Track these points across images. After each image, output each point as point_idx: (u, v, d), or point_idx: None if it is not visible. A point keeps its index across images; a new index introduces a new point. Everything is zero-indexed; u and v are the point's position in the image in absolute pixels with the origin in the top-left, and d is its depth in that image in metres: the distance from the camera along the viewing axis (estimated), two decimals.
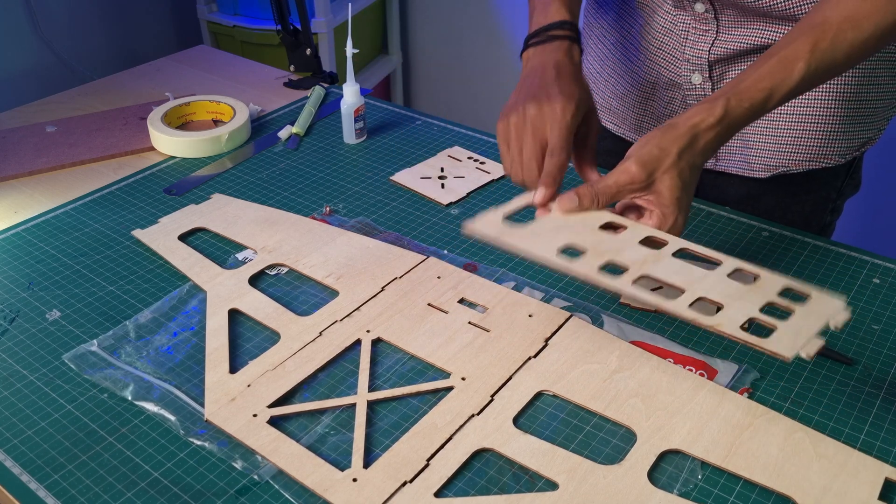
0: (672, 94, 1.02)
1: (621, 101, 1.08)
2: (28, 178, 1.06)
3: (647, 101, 1.05)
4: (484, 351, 0.75)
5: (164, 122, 1.12)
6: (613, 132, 1.11)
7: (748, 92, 0.74)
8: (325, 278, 0.84)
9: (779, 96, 0.75)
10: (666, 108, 1.03)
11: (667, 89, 1.02)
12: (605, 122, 1.12)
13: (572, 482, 0.63)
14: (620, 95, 1.08)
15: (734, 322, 0.63)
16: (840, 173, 1.01)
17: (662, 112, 1.04)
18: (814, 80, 0.76)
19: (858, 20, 0.74)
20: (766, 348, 0.61)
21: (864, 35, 0.75)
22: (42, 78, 2.06)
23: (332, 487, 0.62)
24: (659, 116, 1.04)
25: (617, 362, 0.73)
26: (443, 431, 0.67)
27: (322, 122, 1.19)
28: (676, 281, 0.68)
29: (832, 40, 0.74)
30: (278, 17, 1.28)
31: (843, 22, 0.74)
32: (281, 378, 0.72)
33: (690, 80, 0.98)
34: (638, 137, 1.08)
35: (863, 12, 0.74)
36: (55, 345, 0.77)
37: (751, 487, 0.63)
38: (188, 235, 0.92)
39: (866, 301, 0.82)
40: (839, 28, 0.74)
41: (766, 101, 0.74)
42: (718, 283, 0.67)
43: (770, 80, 0.74)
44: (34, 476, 0.64)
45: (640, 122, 1.08)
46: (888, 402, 0.70)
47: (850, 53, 0.75)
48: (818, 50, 0.74)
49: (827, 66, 0.75)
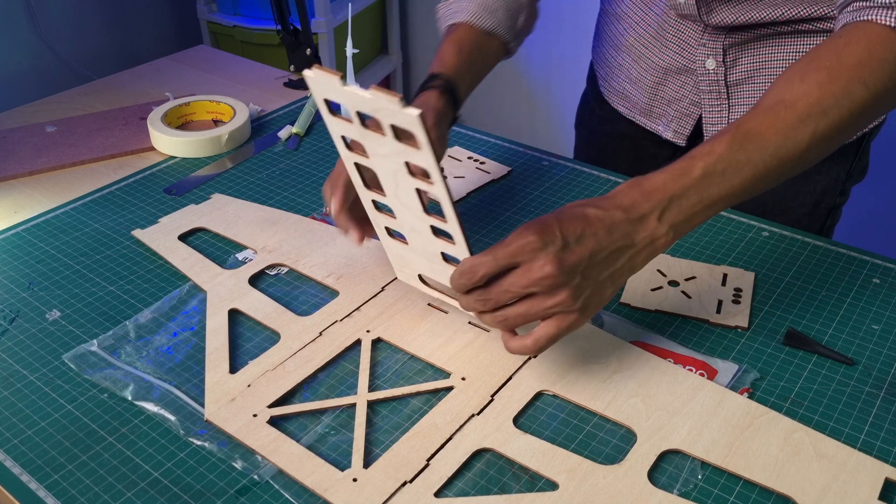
0: (684, 79, 1.03)
1: (634, 85, 1.09)
2: (28, 178, 1.06)
3: (659, 87, 1.06)
4: (484, 351, 0.75)
5: (164, 122, 1.12)
6: (625, 115, 1.13)
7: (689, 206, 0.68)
8: (326, 278, 0.84)
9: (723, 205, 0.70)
10: (677, 93, 1.05)
11: (679, 74, 1.03)
12: (617, 106, 1.14)
13: (572, 482, 0.63)
14: (634, 80, 1.09)
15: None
16: (849, 154, 1.02)
17: (673, 97, 1.05)
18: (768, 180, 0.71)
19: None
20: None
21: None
22: (42, 78, 2.06)
23: (332, 487, 0.62)
24: (669, 101, 1.06)
25: (617, 362, 0.73)
26: (443, 431, 0.67)
27: (322, 122, 1.19)
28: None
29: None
30: (278, 17, 1.28)
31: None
32: (281, 378, 0.72)
33: (705, 66, 0.99)
34: (648, 122, 1.11)
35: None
36: (55, 345, 0.77)
37: (751, 487, 0.63)
38: (188, 235, 0.92)
39: (866, 301, 0.82)
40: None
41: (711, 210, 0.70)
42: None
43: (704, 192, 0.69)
44: (34, 476, 0.64)
45: (650, 107, 1.09)
46: (888, 402, 0.70)
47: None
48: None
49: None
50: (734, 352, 0.76)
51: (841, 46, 0.73)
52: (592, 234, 0.64)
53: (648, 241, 0.67)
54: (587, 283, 0.65)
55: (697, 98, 1.03)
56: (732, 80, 1.00)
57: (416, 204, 0.66)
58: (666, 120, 1.08)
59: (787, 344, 0.76)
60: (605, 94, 1.17)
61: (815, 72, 0.72)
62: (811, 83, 0.71)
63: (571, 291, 0.64)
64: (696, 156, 0.69)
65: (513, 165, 1.06)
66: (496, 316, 0.66)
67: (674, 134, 1.07)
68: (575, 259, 0.63)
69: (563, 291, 0.64)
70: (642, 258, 0.67)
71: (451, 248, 0.68)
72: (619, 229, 0.65)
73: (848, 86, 0.70)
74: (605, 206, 0.66)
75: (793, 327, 0.78)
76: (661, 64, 1.04)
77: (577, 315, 0.65)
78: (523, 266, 0.63)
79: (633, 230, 0.66)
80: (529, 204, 0.98)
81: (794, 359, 0.75)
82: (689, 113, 1.05)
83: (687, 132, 1.06)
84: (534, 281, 0.63)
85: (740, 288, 0.82)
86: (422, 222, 0.68)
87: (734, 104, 1.01)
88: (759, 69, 0.98)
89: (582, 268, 0.64)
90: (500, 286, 0.65)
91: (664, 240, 0.67)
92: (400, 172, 0.64)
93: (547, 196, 0.99)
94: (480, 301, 0.66)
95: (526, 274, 0.63)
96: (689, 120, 1.05)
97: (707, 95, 1.02)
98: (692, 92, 1.03)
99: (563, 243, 0.63)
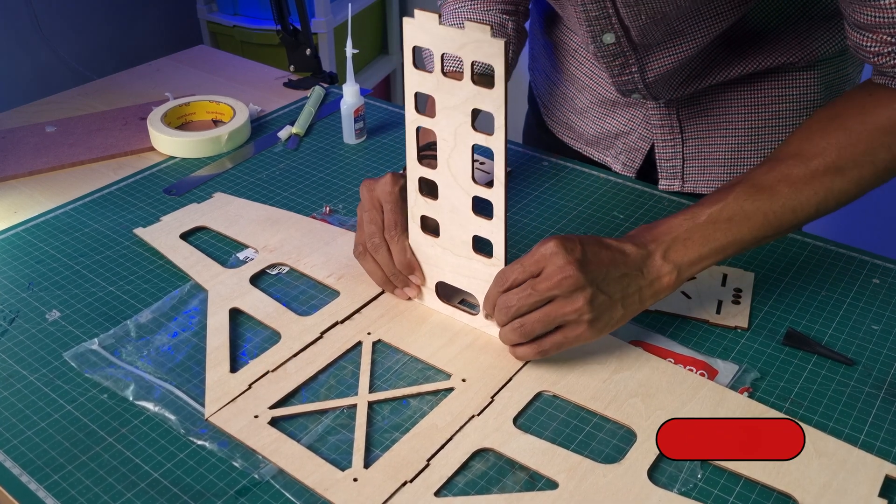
0: (634, 111, 1.00)
1: (580, 116, 1.06)
2: (28, 178, 1.06)
3: (606, 119, 1.03)
4: (484, 353, 0.75)
5: (163, 122, 1.12)
6: (571, 146, 1.11)
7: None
8: (326, 278, 0.84)
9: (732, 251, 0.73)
10: (626, 126, 1.01)
11: (628, 107, 1.00)
12: (562, 136, 1.11)
13: (572, 481, 0.63)
14: (579, 111, 1.06)
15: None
16: None
17: (621, 130, 1.02)
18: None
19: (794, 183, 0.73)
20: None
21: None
22: (42, 78, 2.06)
23: (332, 487, 0.62)
24: (617, 134, 1.03)
25: (617, 362, 0.73)
26: (443, 432, 0.67)
27: (322, 122, 1.19)
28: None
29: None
30: (278, 17, 1.28)
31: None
32: (282, 379, 0.72)
33: (644, 102, 0.97)
34: (596, 153, 1.07)
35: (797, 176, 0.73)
36: (55, 345, 0.77)
37: (751, 486, 0.63)
38: (189, 234, 0.92)
39: (866, 301, 0.82)
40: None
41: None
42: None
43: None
44: (34, 476, 0.64)
45: (597, 140, 1.06)
46: (888, 402, 0.70)
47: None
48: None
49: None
50: (734, 352, 0.76)
51: (869, 107, 0.74)
52: (609, 255, 0.69)
53: (654, 276, 0.71)
54: (602, 295, 0.68)
55: (648, 132, 1.00)
56: (685, 114, 0.98)
57: (467, 167, 0.71)
58: (614, 152, 1.05)
59: (786, 344, 0.76)
60: (549, 124, 1.13)
61: (837, 131, 0.73)
62: (831, 142, 0.73)
63: (588, 297, 0.67)
64: (705, 203, 0.73)
65: (513, 165, 1.06)
66: (514, 325, 0.69)
67: (623, 167, 1.04)
68: (593, 268, 0.67)
69: (580, 296, 0.67)
70: (649, 293, 0.71)
71: (486, 226, 0.72)
72: (631, 258, 0.70)
73: (870, 148, 0.72)
74: (619, 239, 0.71)
75: (793, 327, 0.78)
76: (608, 97, 1.01)
77: (587, 327, 0.68)
78: (545, 270, 0.67)
79: (643, 263, 0.70)
80: (529, 204, 0.98)
81: (794, 359, 0.75)
82: (638, 147, 1.02)
83: (637, 165, 1.03)
84: (555, 283, 0.67)
85: (740, 288, 0.82)
86: (465, 194, 0.72)
87: (688, 138, 0.98)
88: (713, 102, 0.96)
89: (599, 279, 0.68)
90: (522, 288, 0.69)
91: (668, 278, 0.71)
92: (462, 127, 0.70)
93: (547, 196, 0.99)
94: (502, 309, 0.70)
95: (548, 277, 0.67)
96: (639, 154, 1.02)
97: (659, 130, 0.99)
98: (641, 126, 1.00)
99: (583, 254, 0.68)
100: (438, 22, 0.66)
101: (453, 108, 0.69)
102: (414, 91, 0.72)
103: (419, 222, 0.77)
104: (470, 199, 0.72)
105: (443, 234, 0.76)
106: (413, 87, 0.71)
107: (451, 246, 0.75)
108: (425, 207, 0.76)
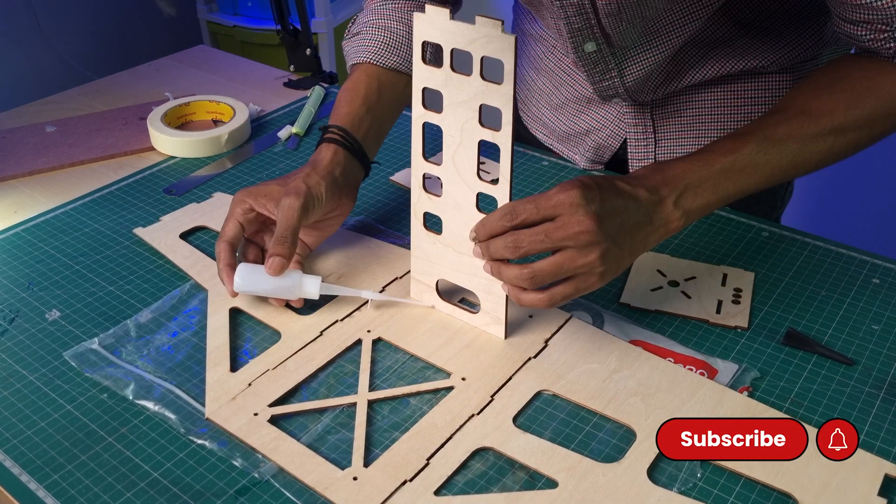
0: (608, 109, 1.00)
1: (555, 111, 1.06)
2: (28, 178, 1.06)
3: (580, 115, 1.03)
4: (484, 351, 0.75)
5: (163, 122, 1.12)
6: (544, 143, 1.10)
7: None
8: (327, 278, 0.84)
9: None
10: (598, 123, 1.01)
11: (603, 105, 1.00)
12: (535, 132, 1.11)
13: (572, 480, 0.63)
14: (554, 106, 1.06)
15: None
16: None
17: (592, 127, 1.02)
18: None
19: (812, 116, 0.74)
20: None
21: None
22: (42, 78, 2.06)
23: (332, 486, 0.62)
24: (588, 131, 1.03)
25: (617, 362, 0.73)
26: (443, 431, 0.67)
27: (322, 122, 1.18)
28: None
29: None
30: (278, 17, 1.28)
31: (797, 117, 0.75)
32: (282, 377, 0.72)
33: (621, 104, 0.98)
34: (565, 150, 1.07)
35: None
36: (55, 345, 0.77)
37: (751, 486, 0.63)
38: (189, 234, 0.92)
39: (866, 301, 0.82)
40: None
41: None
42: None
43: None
44: (34, 476, 0.64)
45: (568, 135, 1.06)
46: (888, 402, 0.70)
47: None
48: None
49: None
50: (734, 352, 0.76)
51: (874, 72, 0.76)
52: (623, 204, 0.68)
53: (663, 222, 0.70)
54: (614, 249, 0.67)
55: (620, 130, 1.00)
56: (659, 114, 0.98)
57: (473, 164, 0.71)
58: (582, 149, 1.05)
59: (786, 344, 0.76)
60: (524, 119, 1.13)
61: (844, 92, 0.75)
62: (839, 103, 0.74)
63: (601, 253, 0.66)
64: (718, 150, 0.73)
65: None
66: (523, 271, 0.67)
67: (589, 164, 1.04)
68: (609, 221, 0.66)
69: (594, 251, 0.66)
70: (655, 238, 0.71)
71: None
72: (642, 205, 0.69)
73: (873, 114, 0.74)
74: (632, 182, 0.70)
75: (792, 327, 0.78)
76: (584, 94, 1.01)
77: (598, 279, 0.68)
78: (562, 218, 0.65)
79: (653, 209, 0.70)
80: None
81: (794, 359, 0.75)
82: (608, 145, 1.02)
83: (605, 160, 1.03)
84: (572, 234, 0.65)
85: (740, 288, 0.82)
86: (470, 190, 0.72)
87: (661, 138, 0.99)
88: (687, 103, 0.96)
89: (613, 233, 0.67)
90: (535, 232, 0.66)
91: (676, 224, 0.71)
92: (469, 123, 0.69)
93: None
94: (510, 247, 0.67)
95: (565, 226, 0.65)
96: (608, 151, 1.02)
97: (633, 129, 0.99)
98: (614, 123, 1.00)
99: (601, 205, 0.66)
100: (449, 17, 0.66)
101: (460, 103, 0.69)
102: (422, 86, 0.72)
103: (422, 219, 0.77)
104: (474, 196, 0.72)
105: (445, 230, 0.76)
106: (421, 82, 0.71)
107: (453, 243, 0.75)
108: (428, 204, 0.76)
